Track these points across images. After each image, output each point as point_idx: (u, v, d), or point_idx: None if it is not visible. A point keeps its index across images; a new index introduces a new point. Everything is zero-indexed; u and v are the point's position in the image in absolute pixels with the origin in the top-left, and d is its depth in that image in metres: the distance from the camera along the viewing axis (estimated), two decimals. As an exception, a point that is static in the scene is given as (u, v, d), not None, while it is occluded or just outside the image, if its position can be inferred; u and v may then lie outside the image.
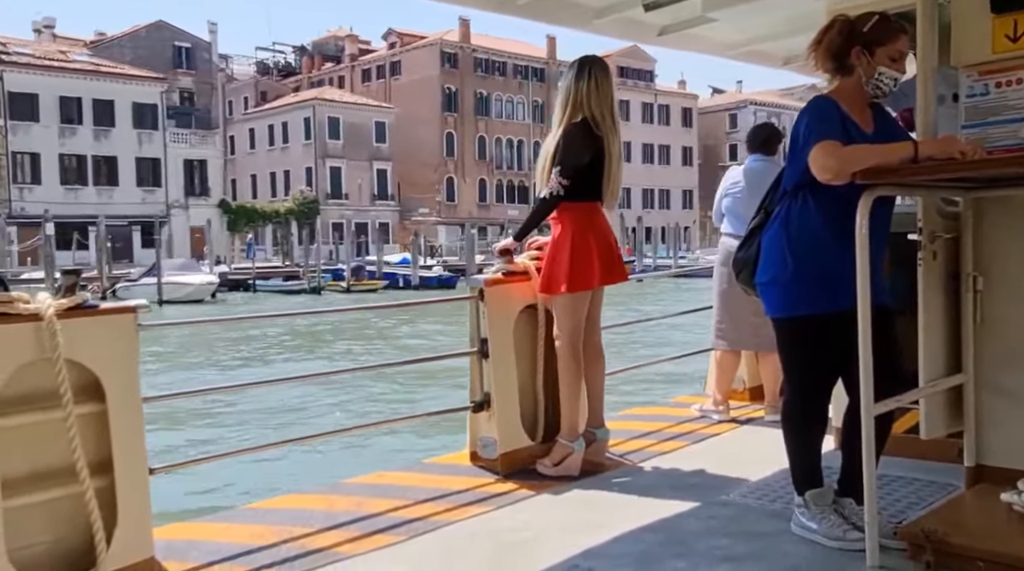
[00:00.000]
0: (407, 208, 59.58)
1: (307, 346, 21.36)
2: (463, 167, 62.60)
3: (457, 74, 61.89)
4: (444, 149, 61.73)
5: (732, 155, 68.34)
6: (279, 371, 16.27)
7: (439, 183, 60.97)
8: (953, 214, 2.89)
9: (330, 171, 57.65)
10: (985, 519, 2.68)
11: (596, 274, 3.64)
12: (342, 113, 58.14)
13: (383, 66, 65.05)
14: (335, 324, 23.96)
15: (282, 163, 58.98)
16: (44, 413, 2.40)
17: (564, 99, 3.67)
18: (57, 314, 2.40)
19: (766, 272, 2.73)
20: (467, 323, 3.74)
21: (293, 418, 11.94)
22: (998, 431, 2.89)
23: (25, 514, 2.37)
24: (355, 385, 13.97)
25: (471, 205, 62.58)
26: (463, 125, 62.52)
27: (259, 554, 2.78)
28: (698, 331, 7.21)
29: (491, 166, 64.14)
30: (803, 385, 2.74)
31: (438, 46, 61.25)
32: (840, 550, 2.64)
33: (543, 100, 65.12)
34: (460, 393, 4.07)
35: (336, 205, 56.83)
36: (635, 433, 4.29)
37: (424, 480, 3.55)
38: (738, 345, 4.64)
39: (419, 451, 9.02)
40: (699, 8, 4.16)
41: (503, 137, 64.95)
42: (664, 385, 12.15)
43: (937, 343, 2.81)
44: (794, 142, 2.61)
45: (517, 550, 2.80)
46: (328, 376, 14.88)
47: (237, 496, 8.00)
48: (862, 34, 2.58)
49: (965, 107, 2.92)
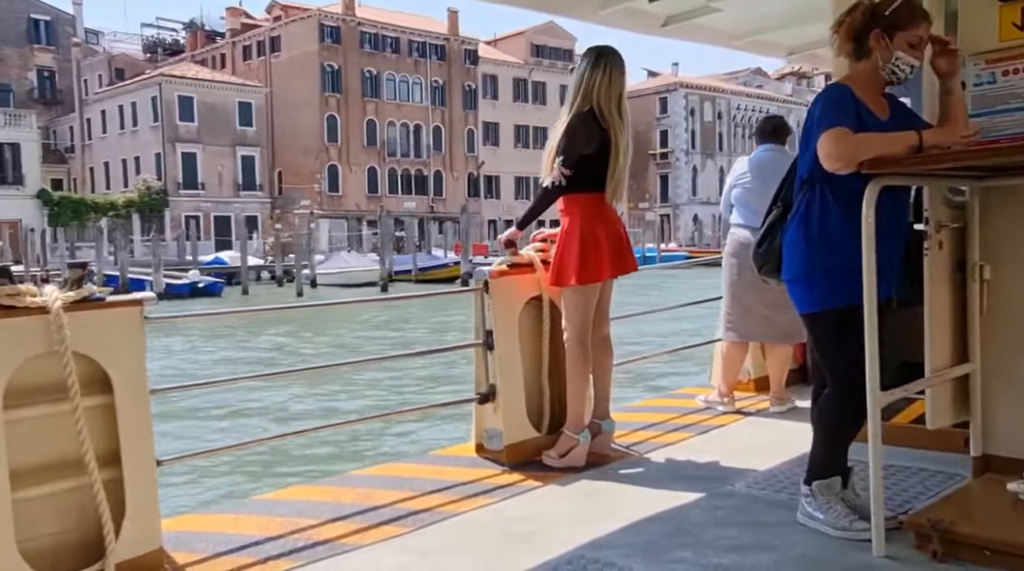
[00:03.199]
0: (290, 199, 53.25)
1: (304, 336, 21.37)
2: (348, 154, 55.62)
3: (340, 50, 54.78)
4: (325, 134, 54.66)
5: (663, 141, 66.42)
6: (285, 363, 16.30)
7: (320, 172, 54.31)
8: (960, 203, 2.88)
9: (182, 157, 50.83)
10: (991, 509, 2.68)
11: (607, 266, 3.63)
12: (196, 92, 51.22)
13: (263, 42, 57.42)
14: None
15: (133, 149, 52.62)
16: (52, 406, 2.41)
17: (575, 88, 3.63)
18: (64, 307, 2.40)
19: (791, 269, 2.71)
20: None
21: (299, 411, 11.98)
22: (1004, 421, 2.89)
23: (34, 506, 2.38)
24: (359, 377, 14.00)
25: (359, 196, 55.98)
26: (348, 107, 55.36)
27: (267, 545, 2.79)
28: (701, 321, 7.21)
29: (383, 153, 57.26)
30: (846, 380, 2.63)
31: (316, 18, 54.09)
32: (846, 539, 2.64)
33: (444, 80, 59.67)
34: (465, 385, 4.08)
35: (190, 196, 50.57)
36: (640, 424, 4.30)
37: (430, 472, 3.56)
38: (748, 336, 4.64)
39: (425, 443, 9.05)
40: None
41: (397, 121, 58.00)
42: (669, 377, 12.16)
43: (944, 333, 2.80)
44: (807, 129, 2.60)
45: (523, 541, 2.81)
46: (334, 368, 14.93)
47: (244, 488, 8.05)
48: (883, 17, 2.55)
49: (972, 95, 2.91)
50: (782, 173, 2.87)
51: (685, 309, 6.45)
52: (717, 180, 69.78)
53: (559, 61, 65.99)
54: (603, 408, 3.83)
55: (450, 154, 61.08)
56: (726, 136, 71.45)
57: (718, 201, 5.92)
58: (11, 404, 2.33)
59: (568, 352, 3.70)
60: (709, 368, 5.05)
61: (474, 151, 62.55)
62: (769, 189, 2.95)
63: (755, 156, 4.65)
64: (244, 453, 8.88)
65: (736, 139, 71.95)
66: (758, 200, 4.46)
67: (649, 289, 26.56)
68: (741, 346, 4.69)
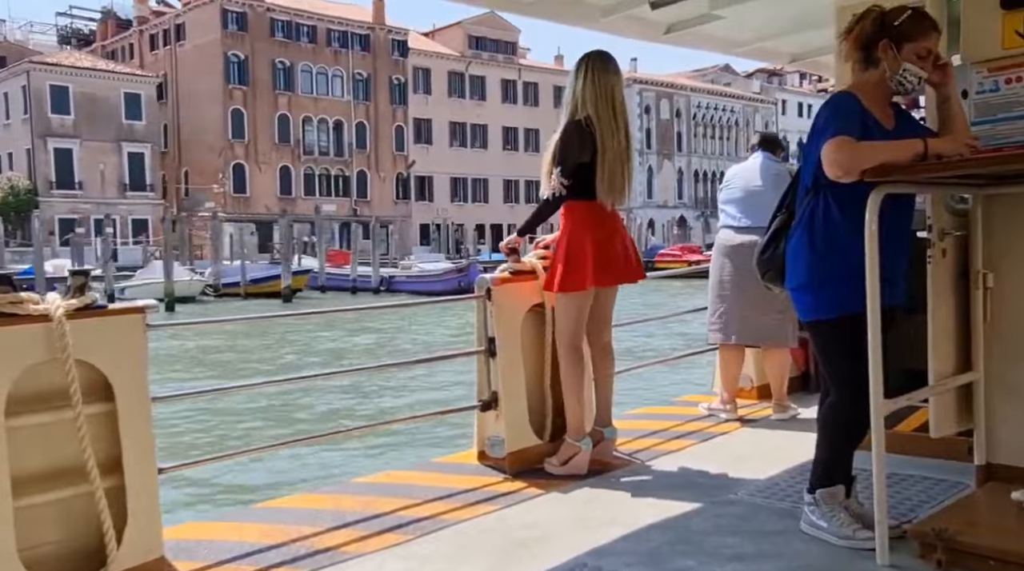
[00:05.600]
0: (196, 201, 49.04)
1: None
2: (256, 151, 51.00)
3: (246, 38, 50.07)
4: (230, 129, 50.05)
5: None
6: (284, 371, 16.31)
7: (224, 171, 49.65)
8: (963, 211, 2.88)
9: (55, 154, 46.15)
10: (996, 518, 2.67)
11: (589, 275, 3.58)
12: (72, 82, 46.38)
13: (169, 30, 52.97)
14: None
15: (5, 144, 48.11)
16: (54, 413, 2.41)
17: (565, 101, 3.66)
18: (66, 314, 2.40)
19: (795, 277, 2.70)
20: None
21: (301, 418, 11.98)
22: (1008, 429, 2.88)
23: (35, 514, 2.38)
24: (362, 385, 13.99)
25: (269, 198, 51.04)
26: (256, 101, 50.73)
27: (268, 553, 2.78)
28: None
29: (297, 151, 52.73)
30: (850, 388, 2.62)
31: (219, 3, 49.32)
32: (850, 548, 2.63)
33: (368, 73, 54.80)
34: (468, 392, 4.08)
35: (65, 197, 46.03)
36: (643, 432, 4.29)
37: (432, 479, 3.56)
38: (728, 337, 4.66)
39: (427, 450, 9.04)
40: (706, 5, 4.16)
41: (314, 117, 53.37)
42: (672, 384, 12.14)
43: (947, 341, 2.79)
44: (812, 136, 2.60)
45: (525, 549, 2.80)
46: (336, 375, 14.93)
47: (246, 495, 8.03)
48: (892, 27, 2.55)
49: (975, 103, 2.91)
50: (759, 178, 2.87)
51: (690, 316, 6.44)
52: (675, 182, 67.00)
53: (500, 54, 61.31)
54: (605, 415, 3.82)
55: (376, 153, 56.29)
56: (686, 135, 68.42)
57: (677, 205, 5.79)
58: (13, 411, 2.33)
59: (561, 359, 3.70)
60: (712, 375, 5.04)
61: (404, 150, 57.75)
62: (756, 191, 2.95)
63: (746, 162, 4.77)
64: (245, 461, 8.87)
65: (697, 139, 68.81)
66: (743, 201, 4.55)
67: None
68: (735, 351, 4.69)
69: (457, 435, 8.60)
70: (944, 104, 2.65)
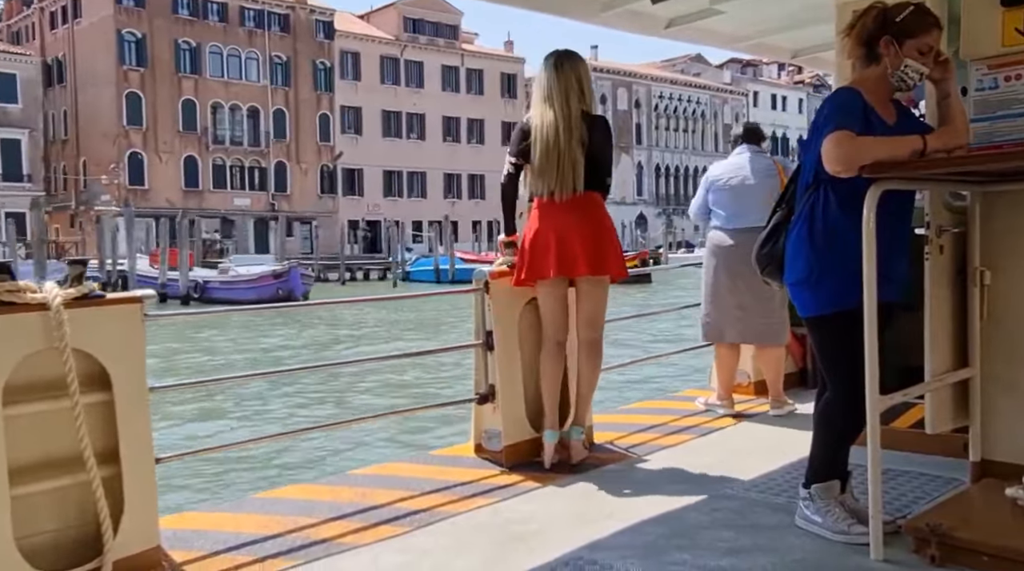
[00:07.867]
0: (94, 194, 45.17)
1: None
2: (156, 140, 46.72)
3: (144, 15, 46.02)
4: (125, 115, 45.93)
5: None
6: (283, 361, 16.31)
7: (119, 161, 45.56)
8: (961, 208, 2.88)
9: None
10: (990, 514, 2.68)
11: (536, 269, 3.58)
12: None
13: (67, 7, 48.59)
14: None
15: None
16: (51, 402, 2.41)
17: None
18: (64, 304, 2.40)
19: (794, 273, 2.70)
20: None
21: (298, 409, 11.98)
22: (1004, 426, 2.89)
23: (32, 502, 2.38)
24: (359, 376, 14.00)
25: (172, 190, 46.93)
26: (155, 84, 46.48)
27: (265, 544, 2.79)
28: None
29: (205, 140, 48.18)
30: (847, 384, 2.61)
31: None
32: (845, 543, 2.64)
33: (288, 56, 50.44)
34: (465, 385, 4.08)
35: None
36: (640, 426, 4.30)
37: (429, 472, 3.56)
38: (721, 337, 4.66)
39: (424, 443, 9.05)
40: (706, 0, 4.15)
41: (226, 103, 48.77)
42: (669, 379, 12.15)
43: (944, 337, 2.80)
44: (813, 132, 2.60)
45: (522, 542, 2.81)
46: (334, 367, 14.94)
47: (243, 486, 8.04)
48: (894, 24, 2.54)
49: (974, 100, 2.91)
50: (751, 175, 2.85)
51: (688, 310, 6.44)
52: (635, 177, 63.25)
53: (439, 38, 56.38)
54: (577, 414, 3.75)
55: (297, 143, 51.70)
56: (646, 127, 64.57)
57: (635, 201, 5.65)
58: (10, 400, 2.33)
59: (542, 350, 3.74)
60: (709, 371, 5.05)
61: (330, 140, 53.09)
62: (747, 189, 2.93)
63: (732, 159, 4.66)
64: (243, 451, 8.88)
65: (659, 131, 64.99)
66: (734, 200, 4.49)
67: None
68: (731, 348, 4.70)
69: (454, 428, 8.61)
70: (944, 101, 2.65)
